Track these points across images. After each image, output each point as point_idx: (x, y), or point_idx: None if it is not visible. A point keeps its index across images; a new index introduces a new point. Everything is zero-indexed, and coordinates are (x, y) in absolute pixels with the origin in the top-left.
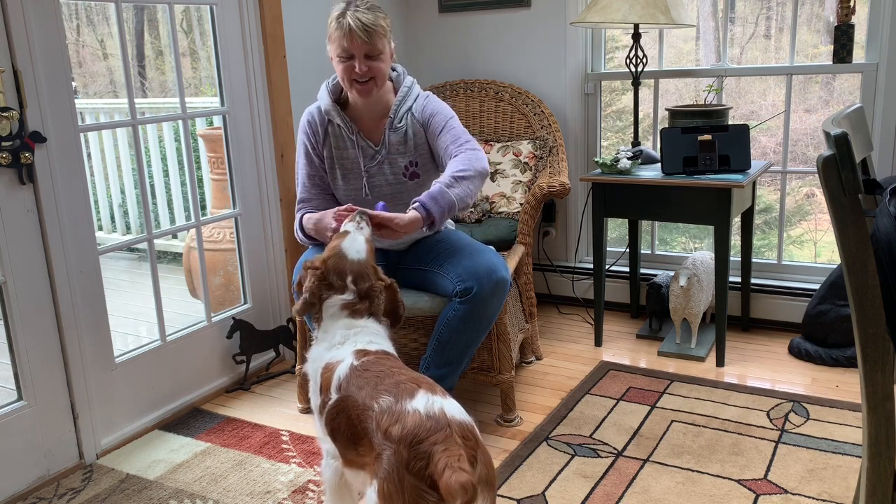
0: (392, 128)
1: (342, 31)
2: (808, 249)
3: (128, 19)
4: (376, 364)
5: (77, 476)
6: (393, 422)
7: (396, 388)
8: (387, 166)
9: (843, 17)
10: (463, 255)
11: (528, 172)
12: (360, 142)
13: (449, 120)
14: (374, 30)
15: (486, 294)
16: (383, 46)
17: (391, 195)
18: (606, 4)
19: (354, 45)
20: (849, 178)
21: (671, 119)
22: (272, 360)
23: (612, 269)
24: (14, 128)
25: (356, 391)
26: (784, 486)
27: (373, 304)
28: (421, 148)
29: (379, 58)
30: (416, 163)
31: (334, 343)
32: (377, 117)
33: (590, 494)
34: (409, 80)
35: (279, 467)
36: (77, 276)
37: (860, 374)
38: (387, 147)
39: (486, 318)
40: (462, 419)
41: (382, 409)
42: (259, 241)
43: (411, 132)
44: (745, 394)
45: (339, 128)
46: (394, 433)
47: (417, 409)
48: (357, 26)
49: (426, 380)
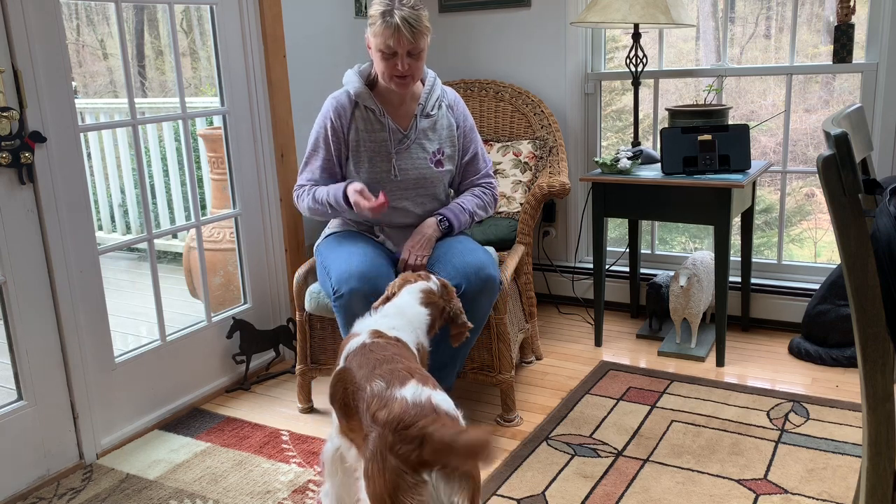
0: (424, 115)
1: (390, 30)
2: (808, 249)
3: (128, 19)
4: (383, 348)
5: (77, 476)
6: (381, 406)
7: (390, 375)
8: (415, 151)
9: (843, 17)
10: (454, 254)
11: (528, 172)
12: (391, 125)
13: (479, 142)
14: (419, 30)
15: (474, 292)
16: (425, 45)
17: (416, 179)
18: (606, 4)
19: (400, 43)
20: (849, 178)
21: (671, 119)
22: (272, 360)
23: (612, 269)
24: (14, 128)
25: (356, 368)
26: (784, 486)
27: (448, 308)
28: (448, 140)
29: (420, 56)
30: (443, 151)
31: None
32: (406, 104)
33: (590, 494)
34: (432, 73)
35: (279, 467)
36: (77, 276)
37: (860, 374)
38: (416, 132)
39: (477, 317)
40: (448, 409)
41: (374, 393)
42: (259, 241)
43: (444, 122)
44: (745, 394)
45: (368, 111)
46: (380, 417)
47: (405, 396)
48: (404, 26)
49: (421, 371)
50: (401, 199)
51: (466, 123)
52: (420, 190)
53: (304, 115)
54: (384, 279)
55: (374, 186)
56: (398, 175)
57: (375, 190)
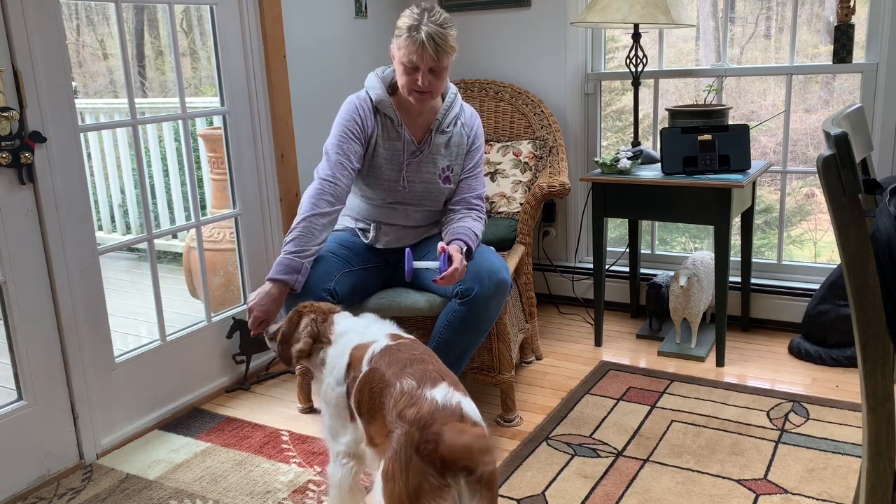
0: (440, 130)
1: (414, 45)
2: (808, 249)
3: (128, 19)
4: (410, 348)
5: (77, 476)
6: (410, 404)
7: (422, 375)
8: (425, 165)
9: (843, 17)
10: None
11: (528, 172)
12: (406, 135)
13: (481, 158)
14: (444, 49)
15: (486, 295)
16: (448, 63)
17: (422, 192)
18: (606, 4)
19: (423, 60)
20: (849, 178)
21: (671, 119)
22: (272, 360)
23: (612, 269)
24: (14, 128)
25: (385, 367)
26: (784, 486)
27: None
28: (458, 158)
29: (441, 74)
30: (452, 168)
31: (357, 329)
32: (423, 116)
33: (590, 494)
34: (453, 88)
35: (279, 467)
36: (77, 276)
37: (860, 374)
38: (429, 147)
39: (486, 320)
40: (475, 418)
41: (403, 390)
42: (259, 241)
43: (457, 140)
44: (745, 394)
45: (387, 119)
46: (408, 415)
47: (436, 397)
48: (430, 43)
49: (452, 375)
50: (404, 203)
51: (476, 143)
52: (424, 201)
53: (304, 115)
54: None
55: (380, 193)
56: (406, 186)
57: (381, 197)
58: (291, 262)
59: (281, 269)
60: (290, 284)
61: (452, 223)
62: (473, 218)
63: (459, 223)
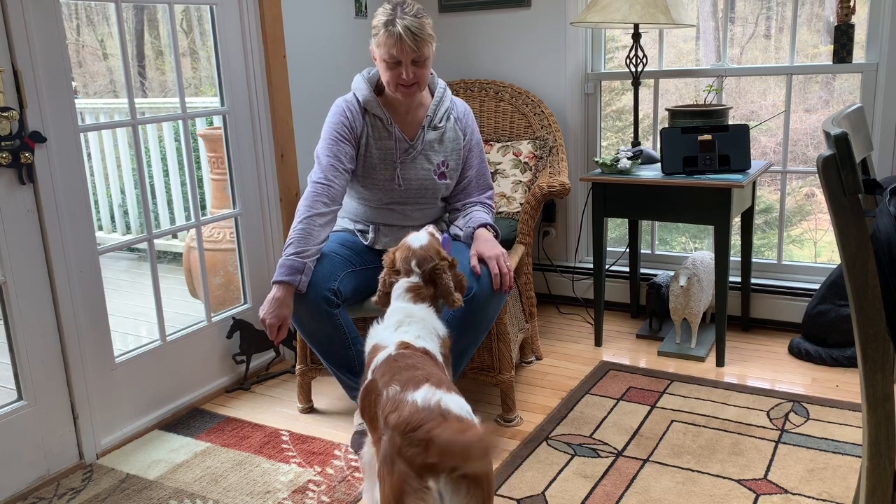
0: (431, 126)
1: (392, 39)
2: (808, 249)
3: (128, 19)
4: (408, 358)
5: (77, 476)
6: (393, 409)
7: (407, 380)
8: (420, 162)
9: (843, 17)
10: (464, 255)
11: (528, 172)
12: (397, 133)
13: (484, 159)
14: (422, 38)
15: (486, 295)
16: (429, 52)
17: (418, 189)
18: (606, 4)
19: (403, 52)
20: (849, 178)
21: (671, 119)
22: (272, 360)
23: (612, 269)
24: (14, 128)
25: (379, 377)
26: (784, 486)
27: (438, 286)
28: (455, 153)
29: (424, 64)
30: (447, 164)
31: (389, 326)
32: (412, 113)
33: (590, 494)
34: (441, 83)
35: (279, 467)
36: (77, 276)
37: (860, 374)
38: (422, 143)
39: (485, 320)
40: (458, 412)
41: (388, 397)
42: (259, 241)
43: (451, 135)
44: (745, 394)
45: (376, 119)
46: (391, 420)
47: (416, 399)
48: (407, 35)
49: (438, 376)
50: (401, 203)
51: (473, 138)
52: (421, 199)
53: (304, 115)
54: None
55: (376, 193)
56: (402, 184)
57: (378, 198)
58: (294, 264)
59: (284, 270)
60: (295, 285)
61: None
62: (483, 209)
63: (471, 215)
